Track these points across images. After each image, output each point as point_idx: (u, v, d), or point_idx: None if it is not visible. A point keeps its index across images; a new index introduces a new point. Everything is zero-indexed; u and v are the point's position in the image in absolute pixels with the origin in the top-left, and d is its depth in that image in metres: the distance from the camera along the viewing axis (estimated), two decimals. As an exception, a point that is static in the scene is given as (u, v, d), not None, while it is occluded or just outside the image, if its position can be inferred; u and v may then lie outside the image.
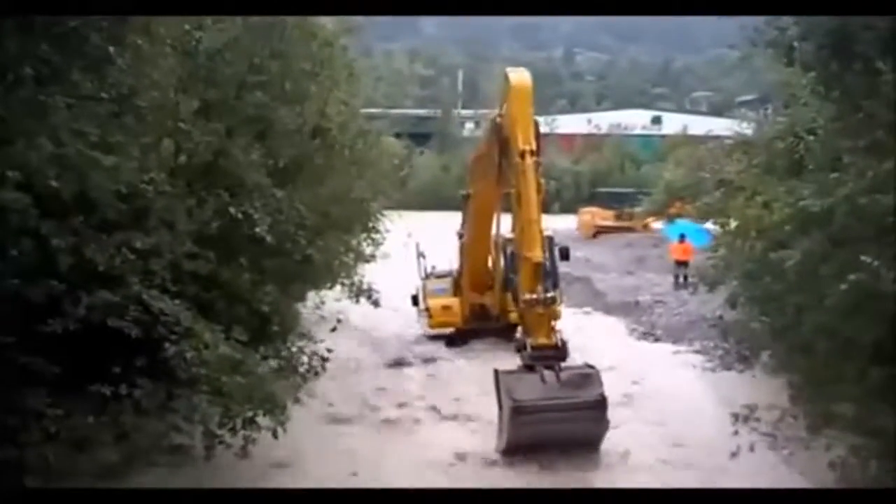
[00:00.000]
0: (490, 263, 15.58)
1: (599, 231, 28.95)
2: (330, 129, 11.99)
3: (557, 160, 43.02)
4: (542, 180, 10.98)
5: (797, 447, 10.03)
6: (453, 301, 15.82)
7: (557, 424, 9.43)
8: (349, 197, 13.51)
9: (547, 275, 13.96)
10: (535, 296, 9.86)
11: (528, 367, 9.70)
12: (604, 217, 30.20)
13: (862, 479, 8.03)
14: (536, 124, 11.00)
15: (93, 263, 7.63)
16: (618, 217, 31.45)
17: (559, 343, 9.88)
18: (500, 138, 11.61)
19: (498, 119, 11.92)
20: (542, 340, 9.79)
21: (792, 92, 13.11)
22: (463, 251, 15.89)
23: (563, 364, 9.81)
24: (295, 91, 10.71)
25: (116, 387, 7.87)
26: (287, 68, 10.49)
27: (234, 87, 9.98)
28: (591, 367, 10.02)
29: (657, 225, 30.25)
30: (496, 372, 9.96)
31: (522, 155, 10.51)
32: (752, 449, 10.14)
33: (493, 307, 15.23)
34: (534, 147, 10.58)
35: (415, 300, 16.59)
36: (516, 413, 9.27)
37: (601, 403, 9.50)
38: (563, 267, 15.23)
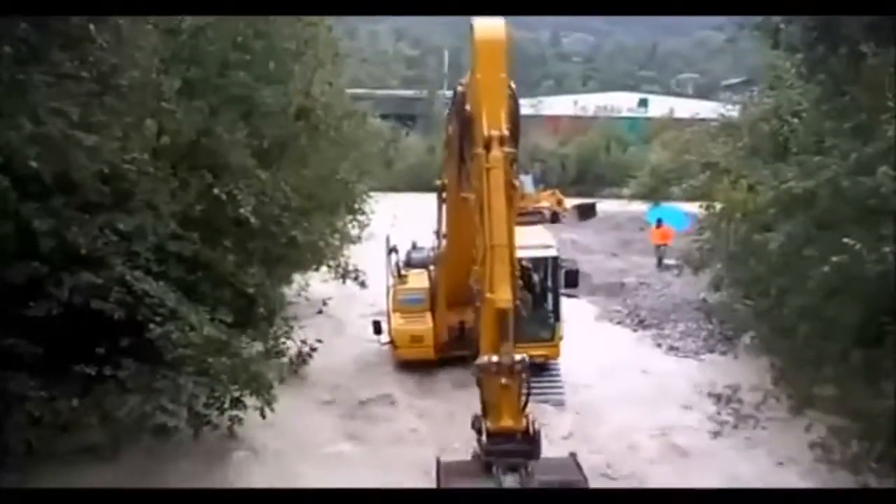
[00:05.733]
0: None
1: None
2: (314, 109, 11.87)
3: (543, 142, 42.95)
4: (517, 181, 7.68)
5: (778, 428, 10.21)
6: (425, 329, 12.30)
7: None
8: (334, 178, 13.42)
9: (537, 300, 11.57)
10: (496, 359, 6.86)
11: (485, 465, 6.80)
12: None
13: (841, 460, 8.17)
14: (514, 96, 7.78)
15: (75, 245, 7.55)
16: None
17: (530, 430, 6.87)
18: (462, 117, 8.09)
19: (460, 87, 8.40)
20: (506, 423, 6.85)
21: (777, 74, 13.17)
22: (439, 260, 12.04)
23: (535, 462, 6.79)
24: (279, 71, 10.58)
25: (101, 367, 7.83)
26: (271, 47, 10.36)
27: (217, 66, 9.84)
28: (577, 465, 7.09)
29: (544, 205, 30.81)
30: (438, 463, 7.27)
31: (488, 144, 7.28)
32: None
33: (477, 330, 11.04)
34: (505, 132, 7.33)
35: (377, 328, 12.80)
36: None
37: None
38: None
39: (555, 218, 30.49)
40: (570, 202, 32.30)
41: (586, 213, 31.97)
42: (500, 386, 6.84)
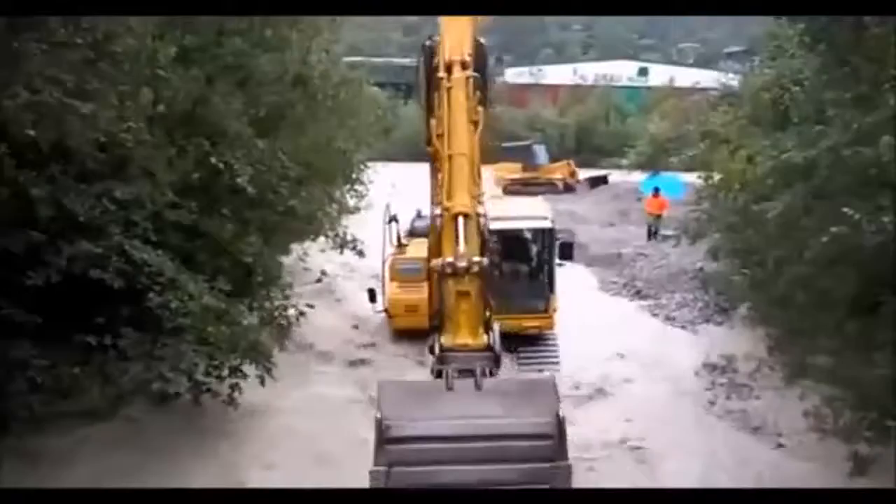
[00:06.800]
0: None
1: (512, 184, 28.60)
2: (312, 77, 11.76)
3: (542, 112, 42.64)
4: (482, 109, 7.20)
5: (772, 396, 10.33)
6: (420, 298, 11.14)
7: (467, 466, 5.18)
8: (332, 147, 13.34)
9: (532, 272, 12.02)
10: (450, 259, 5.97)
11: (437, 374, 5.82)
12: (511, 171, 30.08)
13: (834, 429, 8.27)
14: (481, 45, 7.75)
15: (73, 213, 7.54)
16: (524, 170, 31.72)
17: (491, 344, 5.93)
18: (429, 68, 7.82)
19: (428, 42, 8.16)
20: (463, 338, 5.87)
21: (779, 43, 13.05)
22: (434, 228, 12.28)
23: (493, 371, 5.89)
24: (275, 38, 10.47)
25: (101, 337, 7.86)
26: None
27: (213, 32, 9.73)
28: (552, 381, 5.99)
29: (557, 176, 30.80)
30: (379, 384, 5.86)
31: (449, 68, 7.20)
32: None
33: None
34: (467, 57, 7.26)
35: (372, 295, 12.66)
36: (384, 439, 5.18)
37: (554, 432, 5.20)
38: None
39: (568, 189, 30.49)
40: (583, 173, 32.33)
41: (597, 183, 32.05)
42: (457, 294, 5.96)
